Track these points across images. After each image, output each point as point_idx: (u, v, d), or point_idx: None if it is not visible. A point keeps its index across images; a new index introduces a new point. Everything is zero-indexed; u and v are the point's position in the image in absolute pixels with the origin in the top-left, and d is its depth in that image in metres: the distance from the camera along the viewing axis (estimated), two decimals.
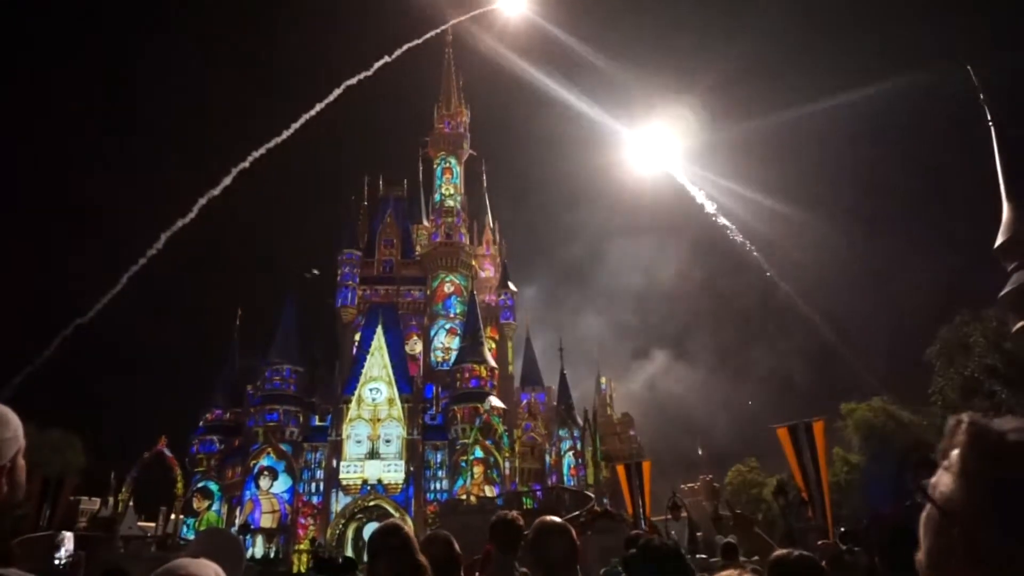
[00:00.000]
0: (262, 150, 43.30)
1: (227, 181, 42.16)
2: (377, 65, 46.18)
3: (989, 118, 48.86)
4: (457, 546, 3.40)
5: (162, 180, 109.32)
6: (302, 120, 44.61)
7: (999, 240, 45.76)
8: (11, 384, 34.83)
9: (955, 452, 0.96)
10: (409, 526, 4.15)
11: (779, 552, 1.84)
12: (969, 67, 47.95)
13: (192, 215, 40.49)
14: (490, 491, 44.60)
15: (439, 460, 48.18)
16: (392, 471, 46.28)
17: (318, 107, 45.05)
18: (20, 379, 35.60)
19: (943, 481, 0.97)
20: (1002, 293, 44.14)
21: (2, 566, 1.53)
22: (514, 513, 3.76)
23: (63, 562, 21.61)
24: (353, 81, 45.63)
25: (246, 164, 42.74)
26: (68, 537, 24.70)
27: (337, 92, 45.35)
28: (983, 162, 49.09)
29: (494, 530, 3.64)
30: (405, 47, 48.93)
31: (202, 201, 41.17)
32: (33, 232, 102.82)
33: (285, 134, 44.13)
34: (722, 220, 57.73)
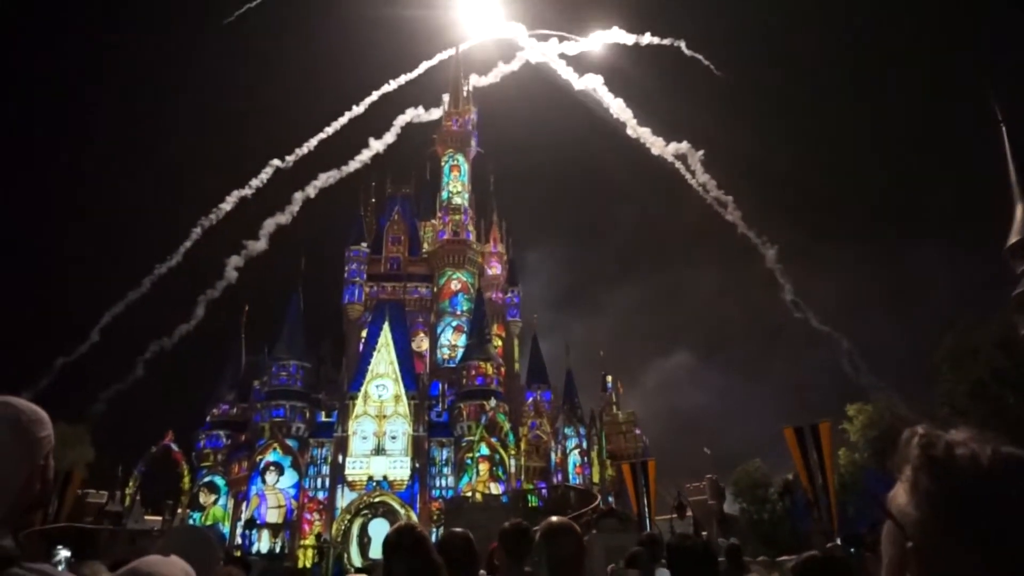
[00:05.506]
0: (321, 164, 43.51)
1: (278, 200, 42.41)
2: (441, 108, 46.55)
3: (1000, 119, 48.59)
4: (475, 545, 3.39)
5: (183, 181, 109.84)
6: (369, 153, 44.85)
7: (1011, 240, 45.55)
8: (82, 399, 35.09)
9: (908, 466, 0.97)
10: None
11: (806, 554, 1.85)
12: (986, 75, 47.49)
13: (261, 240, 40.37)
14: (495, 489, 44.62)
15: (444, 457, 48.21)
16: (397, 468, 46.33)
17: (385, 142, 45.13)
18: (103, 401, 35.92)
19: (899, 494, 0.98)
20: (1014, 294, 43.92)
21: (13, 563, 1.51)
22: (525, 523, 3.74)
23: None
24: (418, 116, 46.01)
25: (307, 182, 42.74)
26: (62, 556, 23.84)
27: (401, 123, 45.78)
28: (995, 166, 48.74)
29: (505, 537, 3.61)
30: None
31: (272, 227, 41.30)
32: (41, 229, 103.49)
33: (355, 164, 44.19)
34: (745, 231, 58.02)
